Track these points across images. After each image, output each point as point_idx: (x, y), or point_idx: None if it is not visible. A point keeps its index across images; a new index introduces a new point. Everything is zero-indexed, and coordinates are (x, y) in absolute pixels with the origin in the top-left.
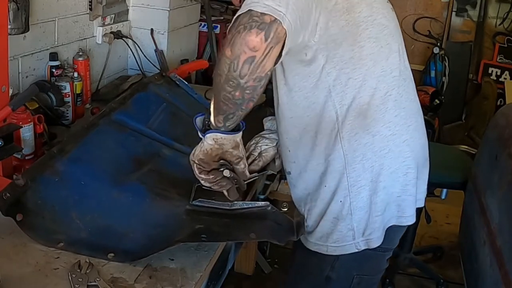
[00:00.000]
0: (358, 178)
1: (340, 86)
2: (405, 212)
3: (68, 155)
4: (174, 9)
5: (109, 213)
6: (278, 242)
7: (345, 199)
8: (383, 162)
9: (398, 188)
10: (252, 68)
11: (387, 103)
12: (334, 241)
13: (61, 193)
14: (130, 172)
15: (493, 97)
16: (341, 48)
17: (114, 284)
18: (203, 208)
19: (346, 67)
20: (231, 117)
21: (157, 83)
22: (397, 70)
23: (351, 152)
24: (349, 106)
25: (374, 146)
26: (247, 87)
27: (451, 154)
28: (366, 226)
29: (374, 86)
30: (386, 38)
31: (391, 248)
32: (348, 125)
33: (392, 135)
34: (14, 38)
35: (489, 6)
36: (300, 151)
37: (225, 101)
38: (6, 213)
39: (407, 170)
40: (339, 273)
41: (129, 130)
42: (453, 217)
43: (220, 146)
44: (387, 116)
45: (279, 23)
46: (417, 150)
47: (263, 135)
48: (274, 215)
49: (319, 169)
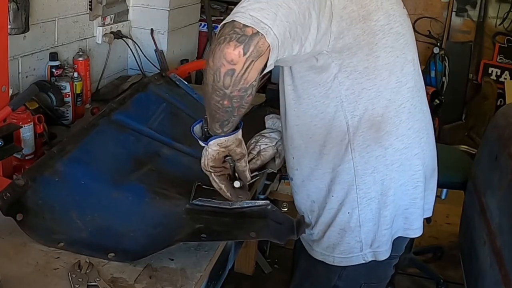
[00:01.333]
0: (368, 190)
1: (353, 96)
2: (413, 225)
3: (68, 155)
4: (174, 9)
5: (109, 213)
6: (278, 241)
7: (353, 211)
8: (394, 176)
9: (406, 201)
10: (234, 81)
11: (401, 115)
12: (341, 252)
13: (61, 193)
14: (130, 172)
15: (493, 97)
16: (356, 58)
17: (114, 284)
18: (203, 207)
19: (360, 77)
20: (226, 123)
21: (157, 83)
22: (412, 81)
23: (362, 164)
24: (362, 117)
25: (386, 159)
26: (234, 97)
27: (451, 154)
28: (374, 238)
29: (388, 98)
30: (402, 48)
31: (397, 256)
32: (360, 136)
33: (405, 148)
34: (14, 38)
35: (489, 6)
36: (304, 159)
37: (216, 110)
38: (6, 213)
39: (416, 184)
40: (347, 282)
41: (129, 130)
42: (453, 217)
43: (225, 148)
44: (401, 129)
45: (261, 37)
46: (427, 163)
47: (263, 134)
48: (274, 214)
49: (325, 178)
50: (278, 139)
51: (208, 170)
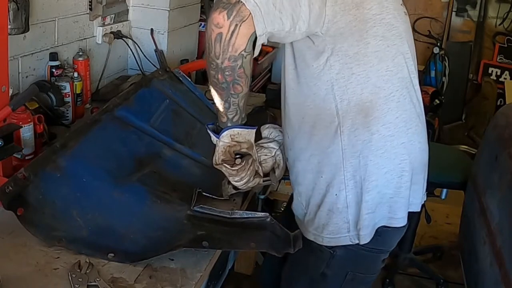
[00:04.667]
0: (354, 173)
1: (343, 81)
2: (396, 214)
3: (71, 151)
4: (174, 9)
5: (109, 213)
6: (276, 253)
7: (341, 193)
8: (378, 162)
9: (391, 190)
10: (222, 47)
11: (390, 103)
12: (330, 232)
13: (62, 189)
14: (131, 172)
15: (493, 97)
16: (347, 43)
17: (114, 284)
18: (204, 214)
19: (350, 62)
20: (227, 106)
21: (161, 78)
22: (404, 72)
23: (350, 147)
24: (350, 101)
25: (372, 144)
26: (225, 68)
27: (451, 154)
28: (358, 221)
29: (378, 85)
30: (394, 39)
31: (387, 250)
32: (349, 120)
33: (391, 136)
34: (14, 38)
35: (489, 6)
36: (296, 139)
37: (215, 88)
38: (8, 206)
39: (402, 173)
40: (334, 269)
41: (132, 127)
42: (453, 217)
43: (237, 142)
44: (388, 116)
45: (242, 4)
46: (415, 155)
47: (261, 144)
48: (272, 226)
49: (313, 160)
50: (277, 149)
51: (219, 163)
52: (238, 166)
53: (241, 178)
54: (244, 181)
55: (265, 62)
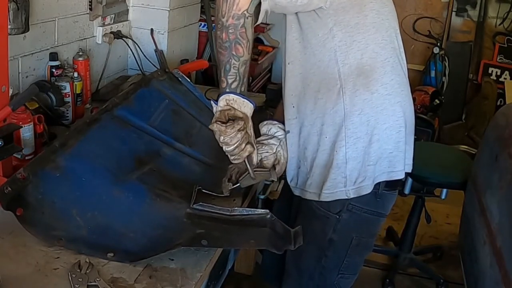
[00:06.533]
0: (355, 130)
1: (345, 47)
2: (396, 167)
3: (70, 150)
4: (174, 9)
5: (109, 212)
6: (276, 250)
7: (340, 149)
8: (378, 117)
9: (391, 145)
10: (228, 5)
11: (386, 67)
12: (327, 188)
13: (61, 189)
14: (131, 171)
15: (493, 97)
16: (348, 15)
17: (114, 284)
18: (203, 212)
19: (351, 31)
20: (228, 68)
21: (160, 79)
22: (395, 43)
23: (351, 106)
24: (351, 65)
25: (372, 102)
26: (229, 26)
27: (451, 154)
28: (359, 174)
29: (375, 51)
30: (386, 14)
31: (385, 214)
32: (351, 82)
33: (388, 94)
34: (14, 38)
35: (489, 6)
36: (301, 106)
37: (219, 49)
38: (7, 207)
39: (399, 129)
40: (341, 235)
41: (131, 126)
42: (453, 217)
43: (231, 108)
44: (385, 78)
45: None
46: (408, 113)
47: (261, 141)
48: (273, 223)
49: (317, 123)
50: (277, 145)
51: (213, 123)
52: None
53: (231, 139)
54: (234, 145)
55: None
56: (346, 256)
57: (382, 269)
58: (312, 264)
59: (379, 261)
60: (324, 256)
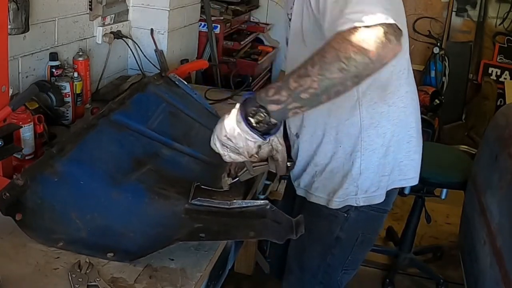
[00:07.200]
0: (371, 142)
1: None
2: (407, 175)
3: (68, 155)
4: (174, 9)
5: (108, 213)
6: (277, 240)
7: (356, 161)
8: (394, 130)
9: (402, 155)
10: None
11: (401, 80)
12: (339, 196)
13: (60, 193)
14: (129, 172)
15: (493, 97)
16: None
17: (114, 284)
18: (202, 207)
19: None
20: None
21: (156, 83)
22: (407, 55)
23: (368, 119)
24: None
25: (390, 115)
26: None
27: (451, 154)
28: (371, 184)
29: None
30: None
31: (388, 210)
32: (368, 96)
33: (404, 107)
34: (14, 38)
35: (489, 6)
36: (313, 115)
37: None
38: (5, 212)
39: (410, 139)
40: (348, 232)
41: (128, 130)
42: (453, 217)
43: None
44: (401, 91)
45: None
46: (418, 122)
47: None
48: (273, 213)
49: (332, 132)
50: None
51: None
52: None
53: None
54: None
55: (265, 62)
56: (351, 253)
57: (382, 269)
58: (316, 262)
59: (379, 261)
60: (330, 254)
